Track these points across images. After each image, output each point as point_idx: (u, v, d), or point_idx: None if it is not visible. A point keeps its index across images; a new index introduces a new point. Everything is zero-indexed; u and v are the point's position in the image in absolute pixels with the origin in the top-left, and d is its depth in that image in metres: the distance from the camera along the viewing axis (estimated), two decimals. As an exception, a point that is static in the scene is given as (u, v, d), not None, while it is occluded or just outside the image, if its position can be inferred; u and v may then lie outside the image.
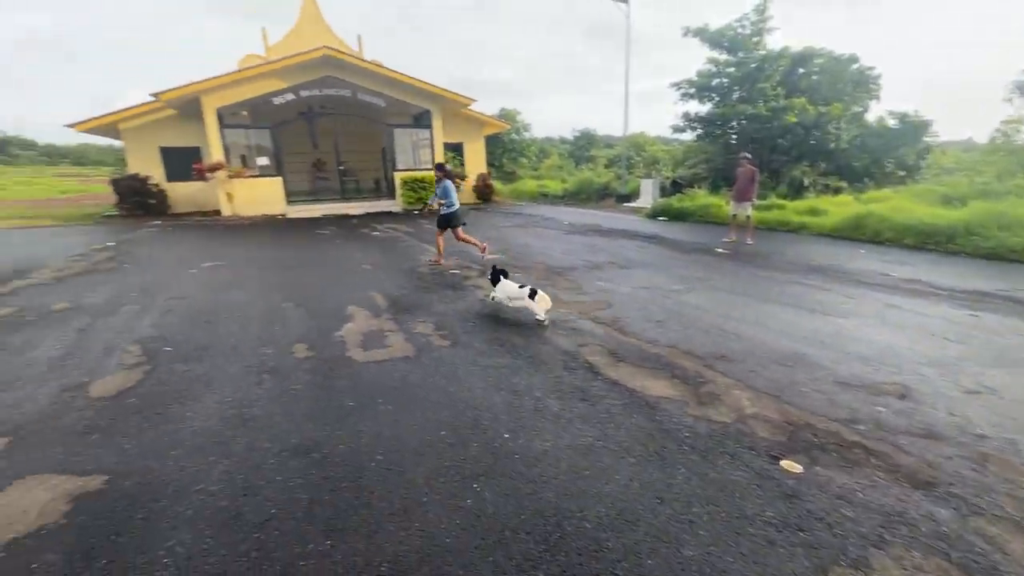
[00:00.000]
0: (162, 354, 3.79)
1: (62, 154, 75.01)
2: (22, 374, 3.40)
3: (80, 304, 5.17)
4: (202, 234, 11.23)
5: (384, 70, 15.70)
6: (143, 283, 6.14)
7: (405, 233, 10.98)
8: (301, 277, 6.51)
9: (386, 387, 3.21)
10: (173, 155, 17.10)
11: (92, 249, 8.89)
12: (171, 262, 7.57)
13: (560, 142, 43.22)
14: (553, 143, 42.69)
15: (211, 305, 5.17)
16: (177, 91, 13.87)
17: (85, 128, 15.87)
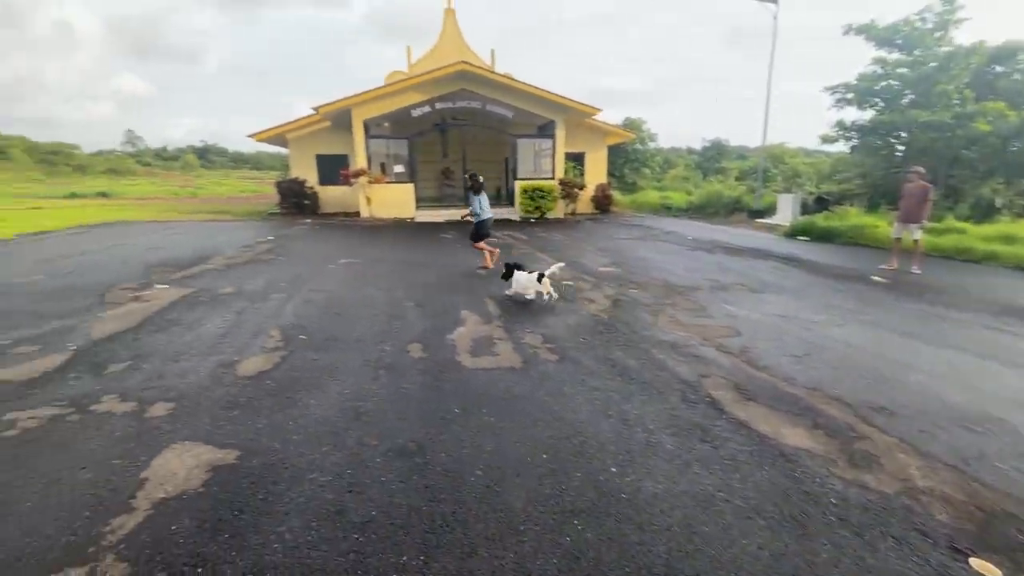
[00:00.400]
0: (297, 341, 4.17)
1: (244, 160, 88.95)
2: (192, 348, 3.96)
3: (241, 290, 5.96)
4: (343, 233, 12.46)
5: (514, 83, 16.16)
6: (291, 274, 6.92)
7: (521, 240, 11.11)
8: (423, 277, 6.85)
9: (491, 397, 3.17)
10: (325, 162, 19.33)
11: (256, 242, 10.30)
12: (315, 257, 8.47)
13: (687, 152, 41.12)
14: (679, 153, 40.76)
15: (343, 298, 5.63)
16: (332, 105, 15.64)
17: (261, 138, 18.60)
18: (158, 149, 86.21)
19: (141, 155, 78.54)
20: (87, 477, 2.22)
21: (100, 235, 11.27)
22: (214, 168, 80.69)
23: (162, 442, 2.54)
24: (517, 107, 16.85)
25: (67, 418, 2.78)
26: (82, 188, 40.36)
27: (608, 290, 6.23)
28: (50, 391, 3.13)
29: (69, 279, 6.37)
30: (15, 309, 4.94)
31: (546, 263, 8.11)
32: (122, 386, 3.22)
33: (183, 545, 1.84)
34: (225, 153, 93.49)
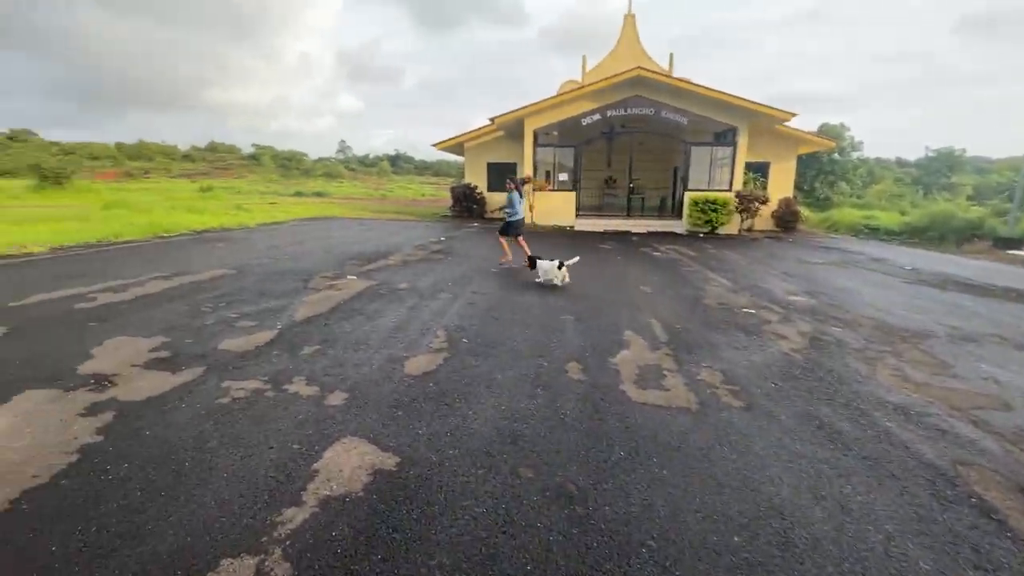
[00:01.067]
0: (459, 344, 4.20)
1: (427, 167, 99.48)
2: (369, 339, 4.23)
3: (415, 286, 6.36)
4: (505, 237, 12.85)
5: (693, 86, 15.05)
6: (458, 274, 7.22)
7: (688, 257, 10.18)
8: (581, 289, 6.58)
9: (662, 443, 2.72)
10: (494, 169, 20.37)
11: (429, 241, 11.14)
12: (479, 260, 8.78)
13: (897, 164, 34.27)
14: (885, 165, 34.17)
15: (502, 303, 5.62)
16: (507, 116, 16.34)
17: (443, 147, 20.34)
18: (362, 156, 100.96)
19: (348, 161, 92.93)
20: (272, 458, 2.37)
21: (313, 228, 13.35)
22: (402, 173, 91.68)
23: (334, 434, 2.64)
24: (694, 113, 15.68)
25: (265, 393, 3.09)
26: (305, 188, 49.23)
27: (802, 325, 5.21)
28: (256, 366, 3.55)
29: (286, 264, 7.52)
30: (246, 287, 5.91)
31: (716, 283, 7.22)
32: (310, 368, 3.52)
33: (339, 556, 1.79)
34: (412, 161, 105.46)
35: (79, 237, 8.95)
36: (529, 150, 16.84)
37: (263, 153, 75.05)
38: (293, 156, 75.36)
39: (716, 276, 7.96)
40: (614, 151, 22.99)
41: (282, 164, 72.66)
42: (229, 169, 70.06)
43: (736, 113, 15.45)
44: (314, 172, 72.02)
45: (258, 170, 69.77)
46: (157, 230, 10.57)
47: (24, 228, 9.56)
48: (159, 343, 3.87)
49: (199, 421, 2.70)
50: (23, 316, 4.40)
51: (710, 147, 16.97)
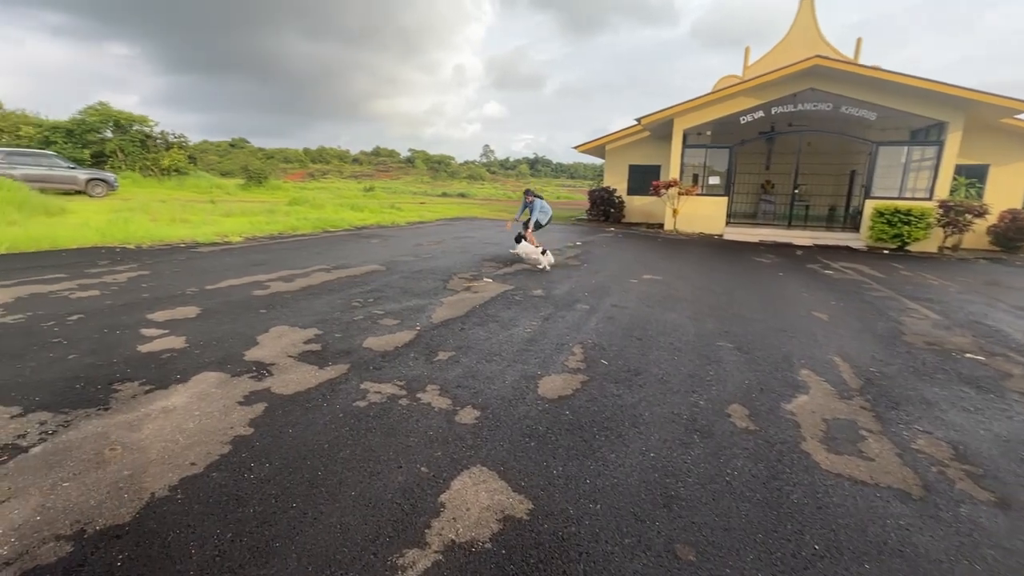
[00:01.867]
0: (598, 366, 3.79)
1: (564, 170, 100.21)
2: (503, 350, 4.04)
3: (550, 294, 6.10)
4: (646, 245, 12.05)
5: (889, 75, 12.62)
6: (594, 284, 6.80)
7: (872, 278, 8.45)
8: (736, 309, 5.72)
9: (875, 542, 2.01)
10: (636, 172, 19.45)
11: (566, 246, 10.86)
12: (617, 268, 8.25)
13: None
14: None
15: (645, 321, 5.07)
16: (655, 115, 15.41)
17: (583, 149, 19.99)
18: (503, 160, 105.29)
19: (491, 165, 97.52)
20: (399, 480, 2.22)
21: (455, 228, 13.95)
22: (540, 176, 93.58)
23: (464, 459, 2.42)
24: (886, 106, 13.19)
25: (400, 400, 3.02)
26: (450, 189, 52.74)
27: (1070, 387, 3.82)
28: (395, 368, 3.54)
29: (429, 263, 7.80)
30: (392, 284, 6.18)
31: (919, 316, 5.71)
32: (444, 377, 3.40)
33: (461, 628, 1.52)
34: (549, 164, 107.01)
35: (267, 229, 10.38)
36: (677, 151, 15.71)
37: (417, 157, 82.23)
38: (442, 160, 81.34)
39: (917, 306, 6.42)
40: (775, 152, 20.60)
41: (432, 167, 78.86)
42: (389, 171, 78.01)
43: (946, 104, 12.62)
44: (459, 175, 76.93)
45: (412, 172, 76.66)
46: (325, 225, 11.87)
47: (230, 220, 11.40)
48: (312, 335, 4.10)
49: (336, 425, 2.68)
50: (214, 299, 5.04)
51: (904, 147, 14.20)
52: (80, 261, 6.40)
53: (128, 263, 6.45)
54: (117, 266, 6.21)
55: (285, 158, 79.85)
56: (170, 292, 5.20)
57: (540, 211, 8.90)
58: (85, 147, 27.63)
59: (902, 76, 12.42)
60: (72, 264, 6.24)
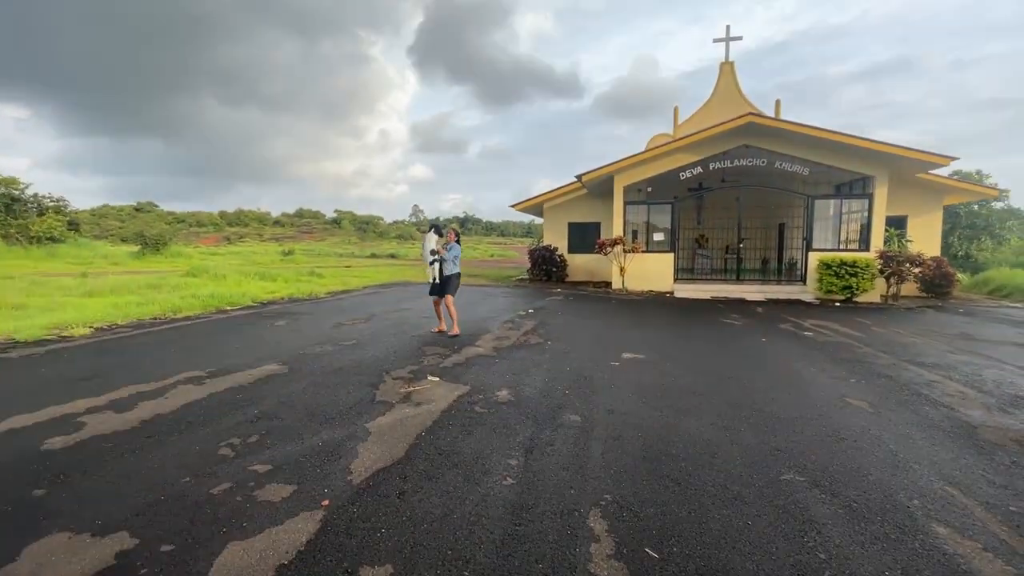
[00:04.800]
0: (645, 560, 2.20)
1: (493, 228, 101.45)
2: (475, 536, 2.33)
3: (520, 396, 4.49)
4: (602, 308, 10.87)
5: (821, 132, 12.86)
6: (571, 373, 5.30)
7: (853, 338, 7.67)
8: (759, 402, 4.41)
9: None
10: (576, 229, 18.85)
11: (517, 315, 9.40)
12: (588, 345, 6.85)
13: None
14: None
15: (666, 440, 3.58)
16: (595, 173, 14.88)
17: (521, 208, 19.19)
18: (432, 219, 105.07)
19: (420, 224, 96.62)
20: None
21: (385, 298, 12.11)
22: (470, 234, 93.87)
23: None
24: (818, 162, 13.44)
25: None
26: (379, 250, 50.63)
27: None
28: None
29: (351, 354, 5.96)
30: (294, 399, 4.30)
31: (949, 389, 4.68)
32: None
33: None
34: (479, 222, 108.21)
35: (135, 313, 8.04)
36: (619, 208, 15.16)
37: (343, 217, 79.61)
38: (370, 220, 79.27)
39: (936, 376, 5.48)
40: (704, 207, 20.96)
41: (360, 227, 76.43)
42: (313, 232, 74.53)
43: (872, 159, 13.01)
44: (388, 234, 74.99)
45: (339, 233, 73.73)
46: (221, 302, 9.63)
47: (90, 303, 8.89)
48: (115, 551, 2.18)
49: None
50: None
51: (837, 199, 14.50)
52: None
53: None
54: None
55: (198, 222, 74.37)
56: None
57: (455, 260, 7.37)
58: (-73, 214, 23.12)
59: (833, 133, 12.71)
60: None
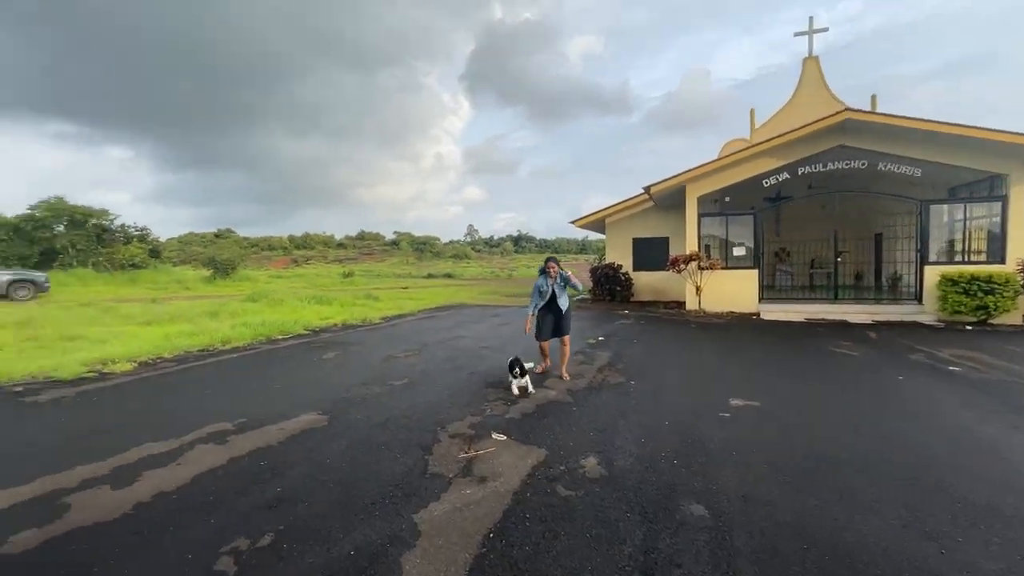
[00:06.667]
0: None
1: (548, 245, 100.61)
2: None
3: (613, 467, 3.40)
4: (682, 334, 9.53)
5: (941, 125, 10.99)
6: (671, 429, 4.15)
7: (1018, 374, 5.97)
8: (952, 482, 3.07)
9: None
10: (642, 245, 17.52)
11: (588, 344, 8.28)
12: (680, 384, 5.64)
13: None
14: None
15: (850, 556, 2.38)
16: (664, 184, 13.61)
17: (581, 224, 18.12)
18: (486, 238, 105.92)
19: (475, 243, 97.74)
20: None
21: (441, 324, 11.36)
22: (524, 253, 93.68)
23: None
24: (931, 161, 11.50)
25: None
26: (435, 270, 51.06)
27: None
28: None
29: (400, 402, 5.09)
30: (328, 471, 3.44)
31: None
32: None
33: None
34: (533, 240, 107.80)
35: (184, 345, 7.67)
36: (693, 221, 13.77)
37: (402, 239, 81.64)
38: (427, 240, 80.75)
39: None
40: (782, 218, 19.05)
41: (417, 248, 77.98)
42: (373, 254, 76.79)
43: (1009, 155, 10.93)
44: (444, 254, 75.95)
45: (397, 254, 75.52)
46: (272, 331, 9.18)
47: (142, 332, 8.69)
48: None
49: None
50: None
51: (958, 204, 12.40)
52: None
53: None
54: None
55: (269, 245, 78.51)
56: None
57: (564, 291, 5.96)
58: (33, 244, 25.18)
59: (956, 126, 10.80)
60: None
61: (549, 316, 5.99)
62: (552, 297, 5.89)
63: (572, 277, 5.87)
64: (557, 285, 5.87)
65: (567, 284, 5.90)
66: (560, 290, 5.90)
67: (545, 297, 5.89)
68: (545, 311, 5.99)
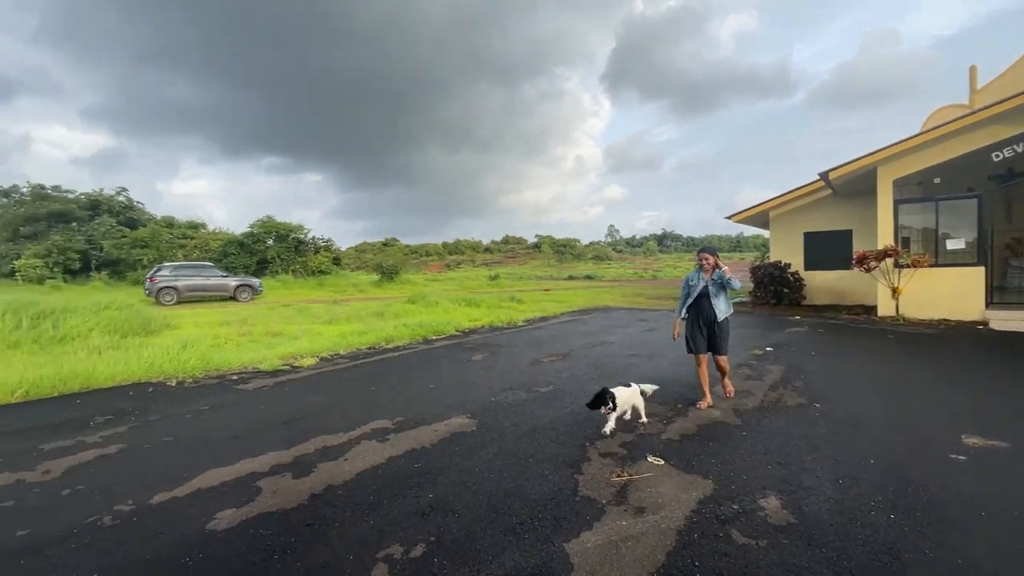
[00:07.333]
0: None
1: (696, 244, 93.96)
2: None
3: (803, 512, 2.78)
4: (877, 347, 7.88)
5: None
6: (880, 471, 3.29)
7: None
8: None
9: None
10: (815, 240, 15.17)
11: (752, 355, 7.28)
12: (885, 411, 4.55)
13: None
14: None
15: None
16: (848, 167, 11.52)
17: (739, 219, 16.37)
18: (628, 238, 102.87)
19: (616, 244, 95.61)
20: None
21: (585, 327, 11.09)
22: (668, 252, 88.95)
23: None
24: None
25: None
26: (576, 271, 51.02)
27: None
28: None
29: (548, 409, 4.94)
30: (475, 478, 3.40)
31: None
32: None
33: None
34: (679, 238, 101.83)
35: (356, 343, 8.57)
36: (887, 209, 11.46)
37: (543, 241, 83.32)
38: (567, 242, 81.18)
39: None
40: (1015, 201, 14.99)
41: (558, 250, 78.86)
42: (516, 257, 79.72)
43: None
44: (584, 256, 75.56)
45: (539, 256, 77.33)
46: (428, 332, 9.84)
47: (327, 330, 9.97)
48: None
49: None
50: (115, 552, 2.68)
51: None
52: (72, 419, 4.68)
53: (124, 422, 4.60)
54: (100, 431, 4.34)
55: (426, 252, 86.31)
56: (49, 531, 3.02)
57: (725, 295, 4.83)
58: (252, 255, 31.05)
59: None
60: (47, 428, 4.52)
61: (700, 324, 4.81)
62: (704, 298, 4.73)
63: (728, 272, 4.65)
64: (712, 283, 4.74)
65: (725, 284, 4.68)
66: (717, 290, 4.72)
67: (694, 295, 4.79)
68: (695, 317, 4.83)
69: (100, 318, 8.73)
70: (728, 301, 4.80)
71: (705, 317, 4.75)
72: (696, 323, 4.84)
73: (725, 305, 4.75)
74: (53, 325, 8.15)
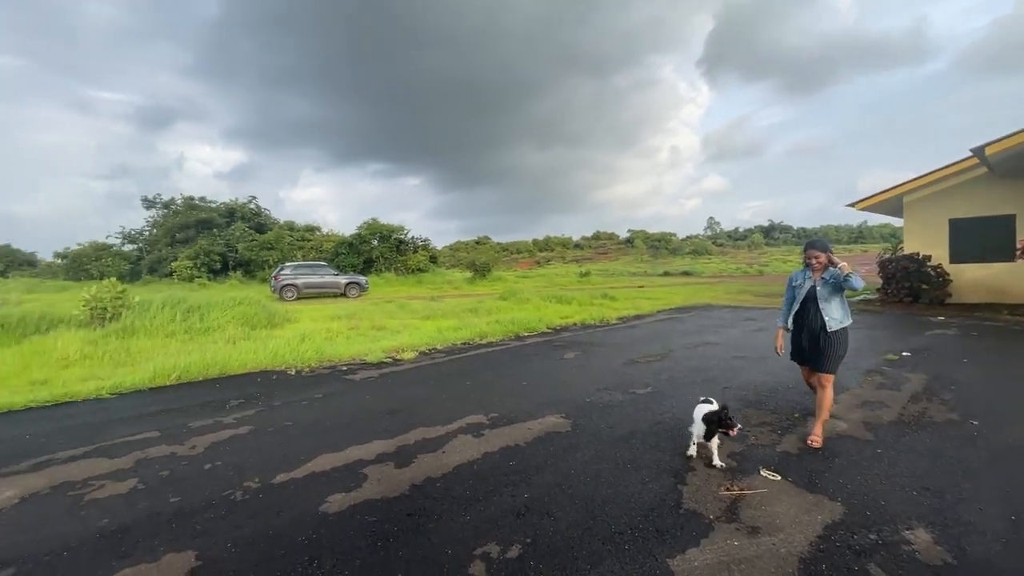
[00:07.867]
0: None
1: (807, 234, 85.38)
2: None
3: (960, 552, 2.34)
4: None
5: None
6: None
7: None
8: None
9: None
10: (964, 229, 13.04)
11: (886, 360, 6.40)
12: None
13: None
14: None
15: None
16: (1013, 138, 9.69)
17: (864, 206, 14.55)
18: (730, 231, 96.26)
19: (717, 237, 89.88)
20: None
21: (683, 326, 10.50)
22: (776, 245, 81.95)
23: None
24: None
25: None
26: (672, 267, 48.77)
27: None
28: None
29: (645, 412, 4.70)
30: (570, 480, 3.31)
31: None
32: None
33: None
34: (789, 230, 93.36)
35: (451, 338, 8.85)
36: (1067, 189, 9.47)
37: (636, 236, 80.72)
38: (662, 237, 77.88)
39: None
40: None
41: (652, 245, 75.93)
42: (607, 253, 78.09)
43: None
44: (681, 251, 71.96)
45: (631, 252, 75.07)
46: (519, 328, 9.90)
47: (425, 325, 10.44)
48: None
49: None
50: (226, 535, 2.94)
51: None
52: (212, 400, 5.30)
53: (253, 406, 5.11)
54: (233, 413, 4.86)
55: (517, 249, 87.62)
56: (194, 500, 3.37)
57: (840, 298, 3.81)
58: (359, 255, 33.55)
59: None
60: (194, 407, 5.14)
61: (805, 334, 3.89)
62: (811, 301, 3.81)
63: (845, 268, 3.60)
64: (822, 285, 3.81)
65: (841, 284, 3.69)
66: (830, 293, 3.76)
67: (800, 298, 3.91)
68: (800, 326, 3.93)
69: (235, 312, 9.92)
70: (845, 307, 3.80)
71: (810, 327, 3.83)
72: (800, 333, 3.94)
73: (841, 312, 3.75)
74: (200, 318, 9.40)
